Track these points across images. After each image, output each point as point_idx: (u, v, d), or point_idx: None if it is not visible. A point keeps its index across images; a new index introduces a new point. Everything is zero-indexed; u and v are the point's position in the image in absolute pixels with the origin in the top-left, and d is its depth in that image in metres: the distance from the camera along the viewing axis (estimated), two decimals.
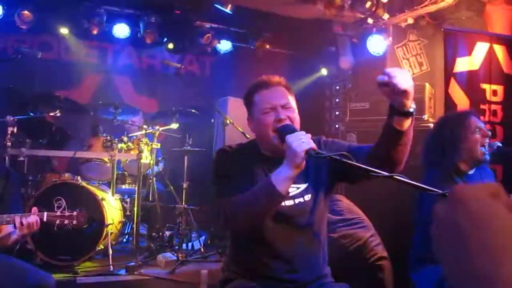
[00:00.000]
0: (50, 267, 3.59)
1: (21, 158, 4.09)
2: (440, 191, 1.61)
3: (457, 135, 2.63)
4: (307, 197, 1.98)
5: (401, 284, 2.96)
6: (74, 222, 2.63)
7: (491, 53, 4.65)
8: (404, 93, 1.63)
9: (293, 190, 1.95)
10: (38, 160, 4.55)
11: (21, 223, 2.33)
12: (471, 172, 2.74)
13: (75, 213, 2.63)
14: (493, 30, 4.67)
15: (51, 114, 4.33)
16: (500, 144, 2.96)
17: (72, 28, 5.56)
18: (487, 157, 2.63)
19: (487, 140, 2.64)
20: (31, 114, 4.39)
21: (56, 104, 4.42)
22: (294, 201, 1.96)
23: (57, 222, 2.60)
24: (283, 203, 1.92)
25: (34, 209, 2.42)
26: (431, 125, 3.87)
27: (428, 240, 2.18)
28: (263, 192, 1.77)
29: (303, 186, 1.99)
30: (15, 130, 3.87)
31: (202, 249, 4.39)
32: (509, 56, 4.63)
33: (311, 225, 1.98)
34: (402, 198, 2.95)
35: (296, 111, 2.00)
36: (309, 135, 1.76)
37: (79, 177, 3.97)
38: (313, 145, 1.71)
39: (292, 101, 2.00)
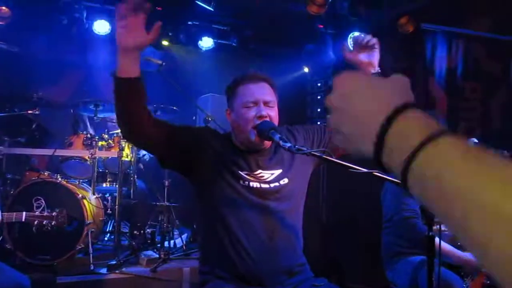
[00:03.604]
0: (30, 266, 3.54)
1: (0, 157, 4.03)
2: None
3: None
4: (283, 181, 2.00)
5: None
6: (53, 222, 2.60)
7: (469, 51, 4.73)
8: (368, 63, 2.07)
9: (268, 176, 1.98)
10: (17, 158, 4.48)
11: None
12: None
13: (54, 213, 2.60)
14: None
15: (30, 111, 4.27)
16: (477, 141, 3.02)
17: (52, 24, 5.48)
18: None
19: None
20: (10, 111, 4.32)
21: (35, 101, 4.36)
22: (270, 185, 1.97)
23: (36, 222, 2.57)
24: (257, 185, 1.94)
25: None
26: None
27: (397, 235, 2.23)
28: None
29: (278, 172, 2.01)
30: None
31: (184, 247, 4.38)
32: (487, 54, 4.73)
33: (288, 211, 1.99)
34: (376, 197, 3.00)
35: (277, 110, 2.02)
36: None
37: (58, 176, 3.92)
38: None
39: (275, 100, 2.02)
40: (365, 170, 1.59)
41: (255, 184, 1.95)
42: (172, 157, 1.98)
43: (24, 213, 2.50)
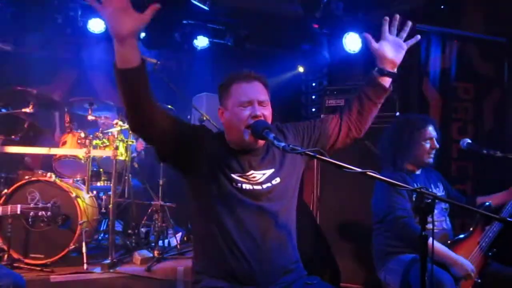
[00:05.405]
0: (24, 266, 3.53)
1: None
2: (410, 187, 1.66)
3: (411, 140, 2.83)
4: (275, 180, 2.00)
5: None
6: (49, 213, 2.59)
7: (463, 52, 4.76)
8: (391, 61, 2.12)
9: (260, 176, 1.99)
10: (11, 157, 4.46)
11: None
12: (418, 172, 2.92)
13: (49, 204, 2.59)
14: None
15: (24, 110, 4.26)
16: (470, 141, 3.04)
17: (46, 22, 5.45)
18: (431, 161, 2.87)
19: (434, 151, 2.86)
20: (3, 110, 4.30)
21: (29, 100, 4.34)
22: (262, 186, 1.98)
23: (32, 213, 2.56)
24: (250, 187, 1.94)
25: None
26: None
27: (389, 236, 2.23)
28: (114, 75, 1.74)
29: (269, 171, 2.01)
30: None
31: (178, 246, 4.38)
32: (480, 55, 4.75)
33: (281, 210, 1.99)
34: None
35: (270, 109, 2.02)
36: None
37: (52, 174, 3.91)
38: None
39: (268, 99, 2.03)
40: (358, 170, 1.60)
41: (247, 186, 1.96)
42: (172, 150, 1.95)
43: (19, 205, 2.49)
